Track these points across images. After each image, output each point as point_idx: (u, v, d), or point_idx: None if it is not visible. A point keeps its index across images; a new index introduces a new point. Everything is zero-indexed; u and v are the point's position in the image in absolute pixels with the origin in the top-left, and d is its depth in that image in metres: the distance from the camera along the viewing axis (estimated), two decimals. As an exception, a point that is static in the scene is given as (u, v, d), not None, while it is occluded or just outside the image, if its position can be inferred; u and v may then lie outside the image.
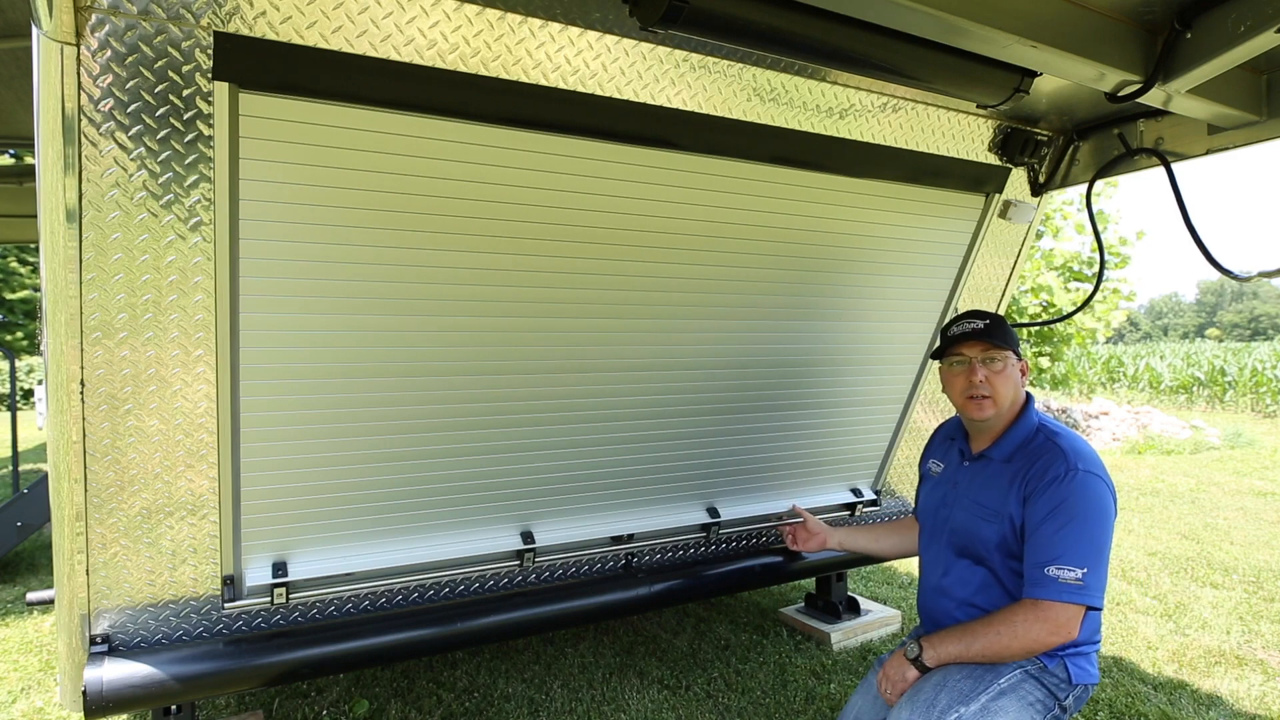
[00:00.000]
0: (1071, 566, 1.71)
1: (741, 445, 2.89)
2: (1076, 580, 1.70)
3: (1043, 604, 1.72)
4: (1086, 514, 1.75)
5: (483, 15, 1.75)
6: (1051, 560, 1.73)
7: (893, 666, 1.89)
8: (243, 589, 2.16)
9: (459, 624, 2.38)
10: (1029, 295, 9.96)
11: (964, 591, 1.95)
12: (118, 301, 1.71)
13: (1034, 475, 1.84)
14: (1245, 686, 3.08)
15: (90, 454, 1.81)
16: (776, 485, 3.10)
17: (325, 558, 2.27)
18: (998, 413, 1.96)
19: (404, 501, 2.33)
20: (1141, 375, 18.97)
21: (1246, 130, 2.25)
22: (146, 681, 1.95)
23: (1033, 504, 1.81)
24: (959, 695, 1.72)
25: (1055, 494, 1.78)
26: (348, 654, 2.24)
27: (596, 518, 2.71)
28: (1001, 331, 1.97)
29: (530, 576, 2.67)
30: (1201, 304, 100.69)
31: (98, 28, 1.48)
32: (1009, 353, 1.96)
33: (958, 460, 2.10)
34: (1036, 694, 1.78)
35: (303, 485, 2.15)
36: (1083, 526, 1.74)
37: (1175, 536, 5.52)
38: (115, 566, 1.94)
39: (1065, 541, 1.73)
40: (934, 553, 2.08)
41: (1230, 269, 2.30)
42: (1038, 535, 1.77)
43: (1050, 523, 1.76)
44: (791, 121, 2.24)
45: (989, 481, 1.95)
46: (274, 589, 2.17)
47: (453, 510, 2.42)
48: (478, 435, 2.33)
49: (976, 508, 1.95)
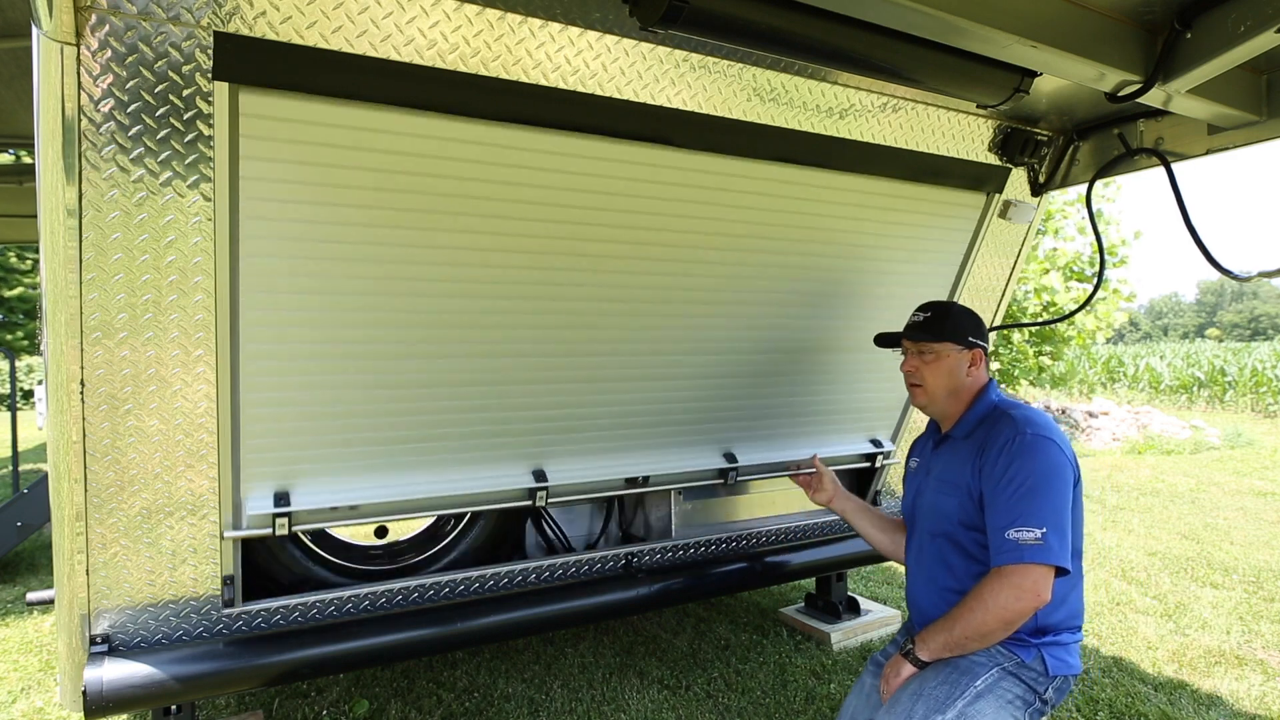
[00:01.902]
0: (1030, 527, 1.70)
1: (759, 390, 2.84)
2: (1036, 540, 1.68)
3: (1007, 569, 1.71)
4: (1039, 474, 1.75)
5: (483, 15, 1.75)
6: (1010, 524, 1.72)
7: (891, 665, 1.90)
8: (242, 518, 2.08)
9: (459, 624, 2.38)
10: (1032, 296, 9.96)
11: (937, 573, 1.97)
12: (118, 301, 1.71)
13: (988, 444, 1.87)
14: (1245, 686, 3.08)
15: (90, 454, 1.81)
16: (794, 432, 3.06)
17: (330, 489, 2.20)
18: (930, 400, 2.05)
19: (412, 433, 2.26)
20: (1141, 375, 18.97)
21: (1246, 130, 2.25)
22: (146, 681, 1.95)
23: (987, 472, 1.83)
24: (935, 703, 1.71)
25: (1006, 458, 1.80)
26: (348, 654, 2.24)
27: (610, 458, 2.65)
28: (938, 325, 2.02)
29: (542, 538, 2.62)
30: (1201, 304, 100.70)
31: (98, 28, 1.48)
32: (944, 344, 2.01)
33: (929, 451, 2.15)
34: (1015, 690, 1.76)
35: (305, 412, 2.08)
36: (1037, 486, 1.74)
37: (1175, 536, 5.52)
38: (115, 566, 1.94)
39: (1020, 504, 1.73)
40: (913, 543, 2.11)
41: (1230, 269, 2.30)
42: (995, 502, 1.79)
43: (1005, 488, 1.77)
44: (791, 121, 2.24)
45: (951, 459, 2.00)
46: (275, 518, 2.09)
47: (463, 444, 2.36)
48: (489, 367, 2.26)
49: (940, 484, 2.00)
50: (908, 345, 2.10)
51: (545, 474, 2.52)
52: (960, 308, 2.09)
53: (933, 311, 2.07)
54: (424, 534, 2.77)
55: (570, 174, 2.09)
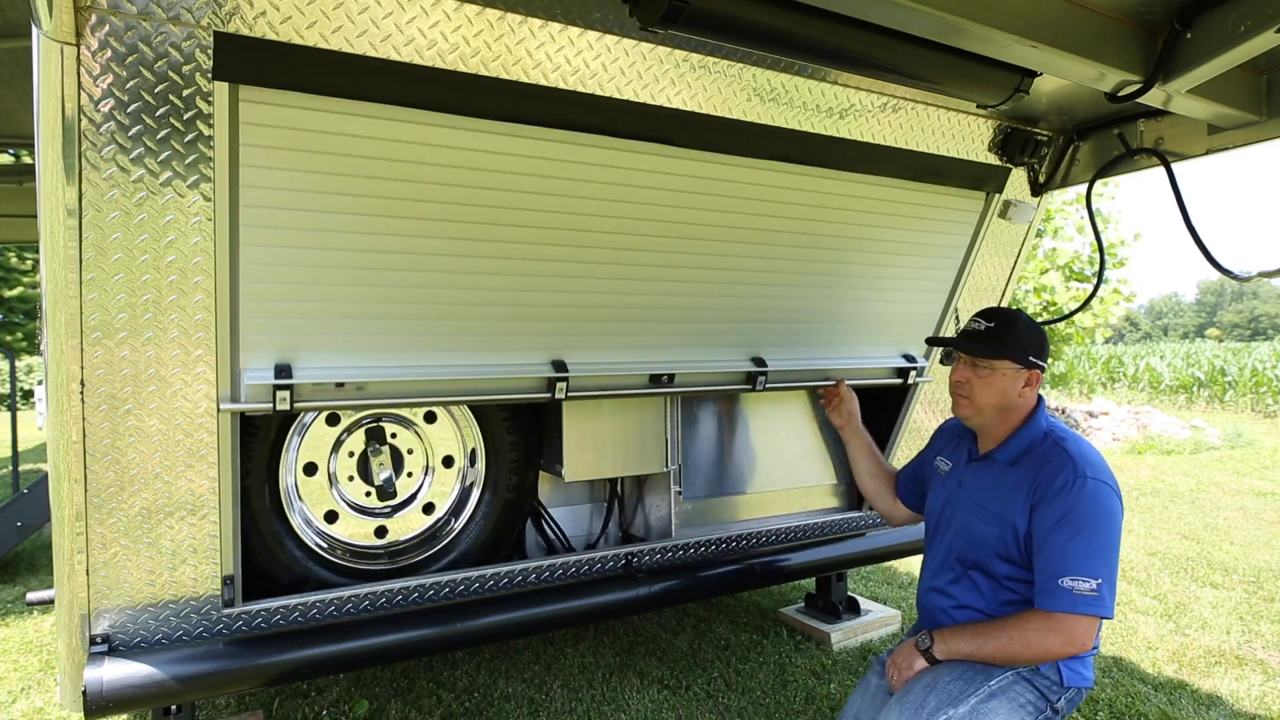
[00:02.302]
0: (1085, 577, 1.67)
1: (791, 293, 2.74)
2: (1091, 591, 1.67)
3: (1057, 616, 1.69)
4: (1097, 523, 1.72)
5: (483, 15, 1.75)
6: (1064, 571, 1.69)
7: (902, 654, 1.89)
8: (240, 390, 1.95)
9: (459, 624, 2.38)
10: (1031, 295, 9.96)
11: (961, 594, 1.95)
12: (118, 301, 1.71)
13: (1042, 482, 1.79)
14: (1245, 686, 3.08)
15: (90, 454, 1.81)
16: (825, 340, 2.93)
17: (334, 365, 2.07)
18: (976, 414, 1.96)
19: (424, 308, 2.13)
20: (1141, 375, 18.97)
21: (1246, 130, 2.25)
22: (146, 681, 1.95)
23: (1041, 512, 1.77)
24: (948, 697, 1.72)
25: (1064, 502, 1.74)
26: (348, 654, 2.24)
27: (635, 352, 2.53)
28: (999, 339, 1.91)
29: (559, 393, 2.41)
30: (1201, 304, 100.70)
31: (98, 28, 1.48)
32: (1002, 361, 1.90)
33: (964, 459, 2.07)
34: (1028, 695, 1.77)
35: (310, 275, 1.95)
36: (1094, 536, 1.70)
37: (1175, 536, 5.52)
38: (115, 566, 1.93)
39: (1077, 552, 1.70)
40: (935, 552, 2.07)
41: (1230, 269, 2.30)
42: (1048, 545, 1.74)
43: (1060, 532, 1.72)
44: (791, 121, 2.24)
45: (993, 484, 1.92)
46: (276, 391, 1.97)
47: (480, 325, 2.24)
48: (509, 251, 2.16)
49: (978, 509, 1.93)
50: (961, 355, 1.98)
51: (565, 364, 2.37)
52: (1027, 321, 1.95)
53: (996, 322, 1.93)
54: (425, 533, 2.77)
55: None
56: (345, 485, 2.58)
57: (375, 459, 2.58)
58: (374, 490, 2.60)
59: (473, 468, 2.76)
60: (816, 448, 3.33)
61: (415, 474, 2.69)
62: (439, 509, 2.73)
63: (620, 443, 2.75)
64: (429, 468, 2.71)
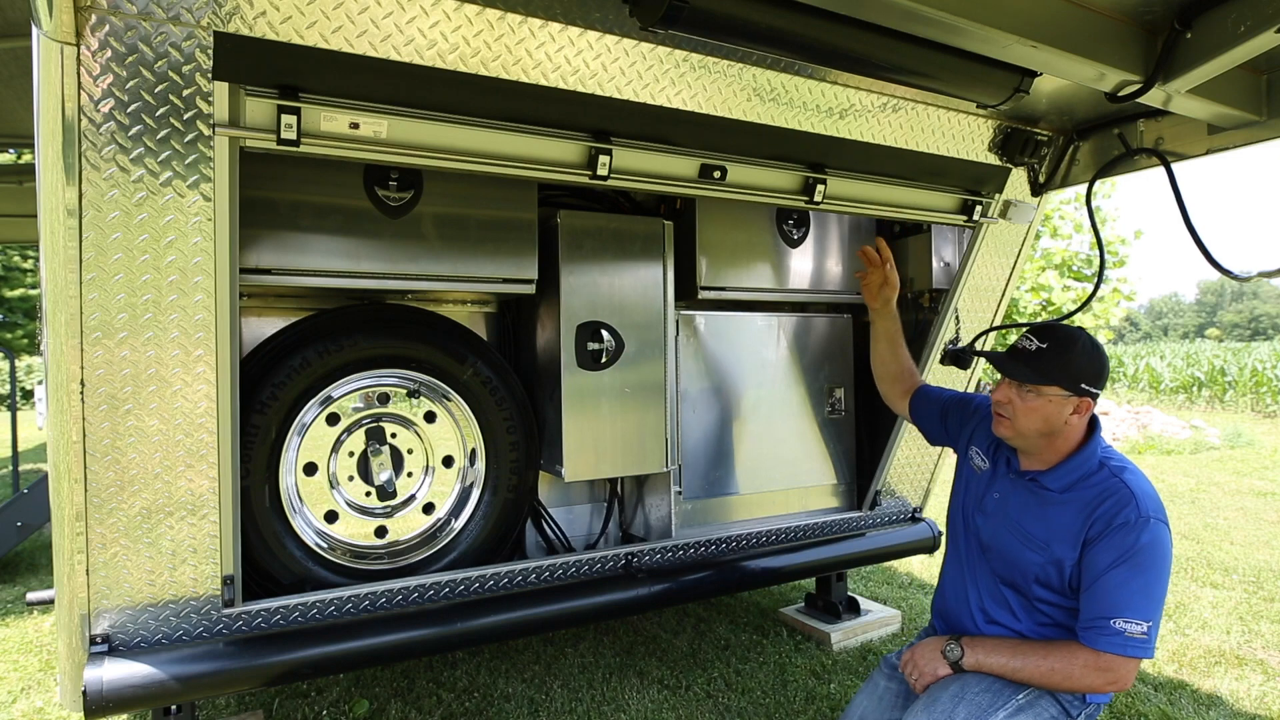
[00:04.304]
0: (1138, 620, 1.64)
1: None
2: (1142, 634, 1.63)
3: (1105, 656, 1.65)
4: (1155, 566, 1.67)
5: (483, 15, 1.75)
6: (1118, 612, 1.65)
7: (924, 657, 1.85)
8: (241, 113, 1.72)
9: (459, 624, 2.38)
10: (1029, 295, 9.97)
11: (993, 610, 1.90)
12: (118, 301, 1.71)
13: (1100, 517, 1.72)
14: (1245, 686, 3.08)
15: (90, 454, 1.81)
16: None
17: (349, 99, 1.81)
18: (1016, 437, 1.86)
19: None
20: (1141, 375, 18.97)
21: (1246, 130, 2.25)
22: (146, 681, 1.95)
23: (1098, 547, 1.71)
24: (977, 709, 1.70)
25: (1123, 541, 1.68)
26: (348, 654, 2.24)
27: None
28: (1050, 364, 1.78)
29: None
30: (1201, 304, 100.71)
31: (98, 28, 1.48)
32: (1050, 387, 1.77)
33: (1004, 468, 1.97)
34: (1051, 711, 1.75)
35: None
36: (1150, 578, 1.66)
37: (1175, 536, 5.49)
38: (115, 566, 1.93)
39: (1133, 594, 1.66)
40: (967, 562, 2.00)
41: (1230, 269, 2.30)
42: (1103, 582, 1.68)
43: (1118, 572, 1.67)
44: (791, 121, 2.24)
45: (1041, 511, 1.83)
46: (281, 114, 1.73)
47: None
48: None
49: (1022, 534, 1.84)
50: (1007, 373, 1.85)
51: (609, 134, 2.11)
52: (1085, 343, 1.80)
53: (1050, 342, 1.79)
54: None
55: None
56: (345, 485, 2.58)
57: (375, 459, 2.58)
58: (374, 490, 2.60)
59: (473, 467, 2.76)
60: (816, 448, 3.33)
61: (415, 474, 2.69)
62: (439, 509, 2.73)
63: (620, 443, 2.75)
64: (429, 468, 2.71)
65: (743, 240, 3.06)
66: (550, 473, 2.84)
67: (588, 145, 2.08)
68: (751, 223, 3.08)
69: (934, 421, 2.28)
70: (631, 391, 2.73)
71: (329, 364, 2.44)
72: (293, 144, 1.74)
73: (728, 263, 3.02)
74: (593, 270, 2.66)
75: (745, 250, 3.07)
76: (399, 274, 2.39)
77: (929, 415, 2.29)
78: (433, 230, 2.43)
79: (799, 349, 3.28)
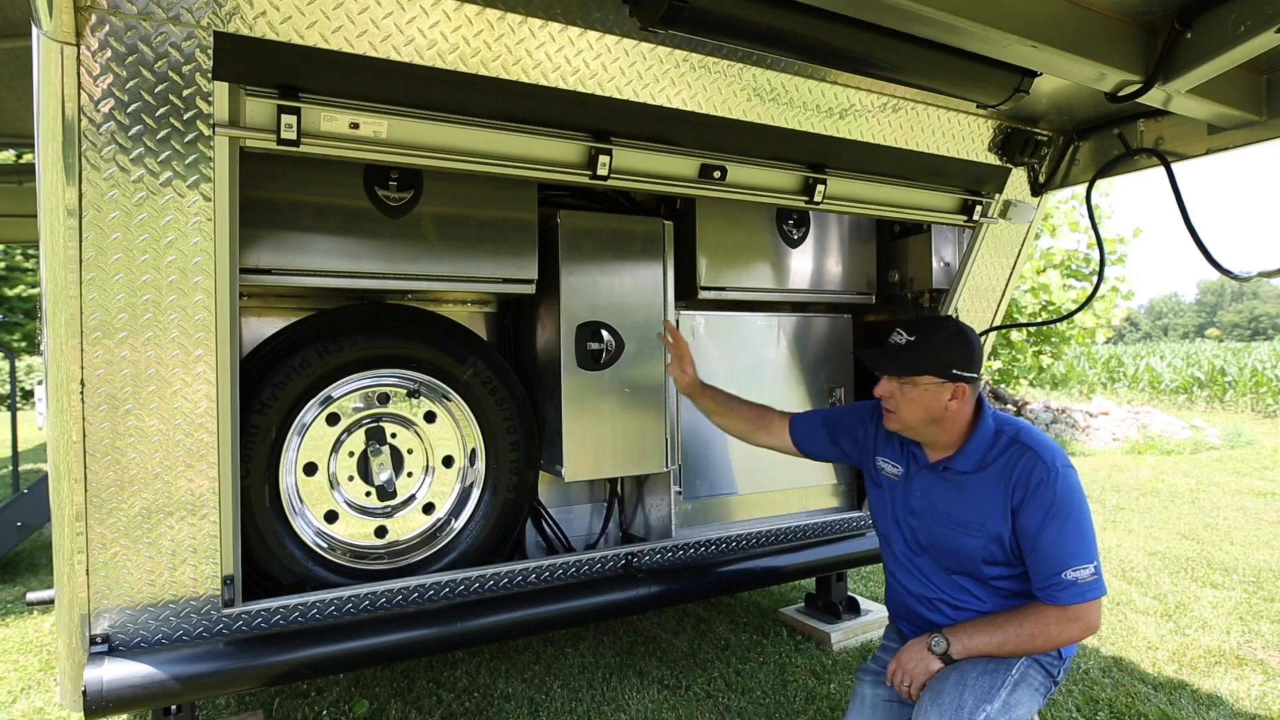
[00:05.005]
0: (1083, 564, 1.75)
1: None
2: (1091, 576, 1.75)
3: (1070, 608, 1.75)
4: (1077, 509, 1.79)
5: (483, 15, 1.75)
6: (1064, 565, 1.75)
7: (912, 660, 1.87)
8: (241, 113, 1.71)
9: (459, 624, 2.38)
10: (1029, 295, 9.97)
11: (958, 598, 1.95)
12: (118, 301, 1.71)
13: (1018, 483, 1.81)
14: (1245, 686, 3.08)
15: (90, 454, 1.81)
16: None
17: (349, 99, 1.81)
18: (905, 429, 1.94)
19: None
20: (1141, 375, 18.97)
21: (1246, 130, 2.25)
22: (146, 681, 1.94)
23: (1025, 512, 1.80)
24: (981, 694, 1.75)
25: (1045, 499, 1.78)
26: (348, 654, 2.24)
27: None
28: (916, 355, 1.86)
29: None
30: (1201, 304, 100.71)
31: (98, 28, 1.48)
32: (922, 377, 1.85)
33: (915, 466, 2.02)
34: (1039, 678, 1.86)
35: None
36: (1078, 522, 1.78)
37: (1175, 536, 5.51)
38: (115, 566, 1.93)
39: (1070, 543, 1.76)
40: (910, 563, 2.05)
41: (1230, 269, 2.30)
42: (1042, 543, 1.77)
43: (1049, 528, 1.77)
44: (791, 121, 2.24)
45: (964, 495, 1.90)
46: (281, 114, 1.74)
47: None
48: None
49: (952, 522, 1.91)
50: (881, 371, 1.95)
51: (609, 134, 2.12)
52: (951, 330, 1.88)
53: (917, 335, 1.88)
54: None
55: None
56: (345, 485, 2.58)
57: (375, 459, 2.58)
58: (374, 490, 2.60)
59: (473, 467, 2.76)
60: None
61: (415, 474, 2.69)
62: (439, 509, 2.73)
63: (620, 443, 2.75)
64: (429, 468, 2.71)
65: (743, 240, 3.06)
66: (550, 473, 2.84)
67: (588, 145, 2.09)
68: (751, 223, 3.08)
69: (825, 444, 2.29)
70: (631, 391, 2.74)
71: (329, 364, 2.44)
72: (293, 144, 1.75)
73: (728, 263, 3.03)
74: (593, 270, 2.66)
75: (745, 250, 3.07)
76: (399, 274, 2.40)
77: (817, 440, 2.31)
78: (433, 230, 2.43)
79: (799, 349, 3.29)
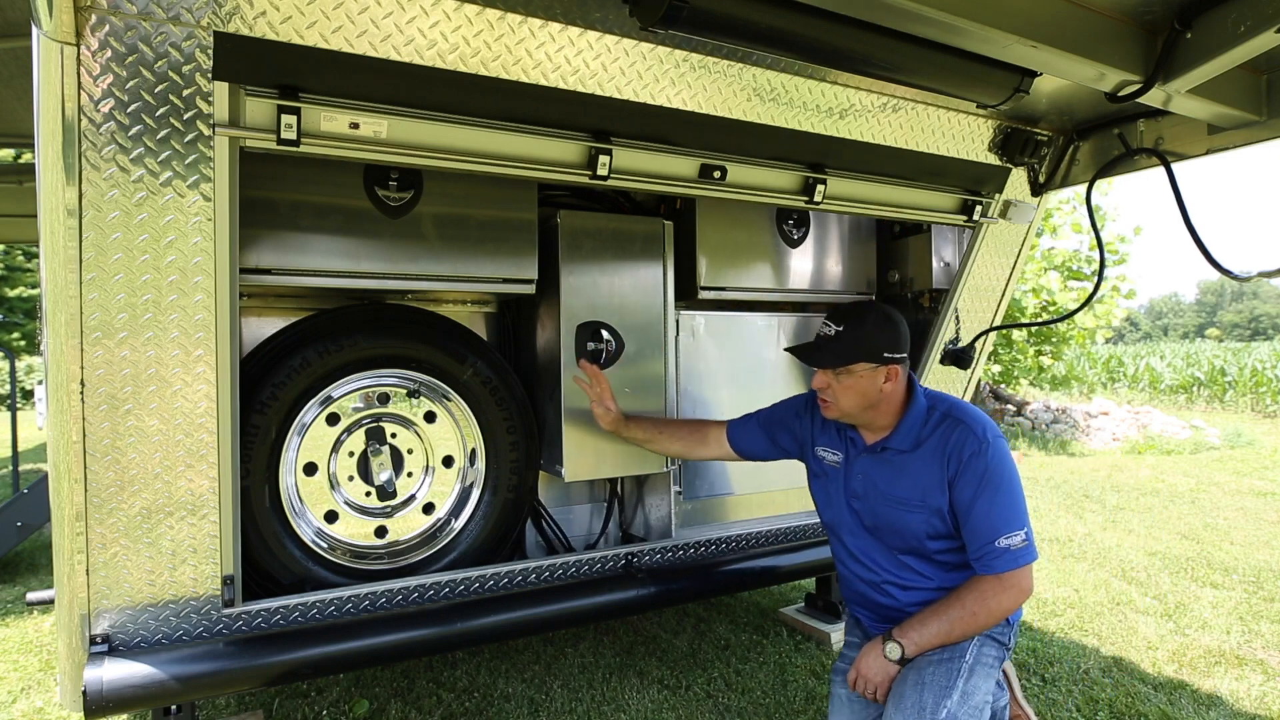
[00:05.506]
0: (1015, 531, 1.80)
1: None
2: (1023, 542, 1.80)
3: (1005, 576, 1.81)
4: (1007, 478, 1.84)
5: (483, 15, 1.75)
6: (997, 534, 1.80)
7: (871, 668, 1.88)
8: (241, 113, 1.71)
9: (459, 624, 2.38)
10: (1030, 295, 9.97)
11: (905, 578, 1.99)
12: (118, 301, 1.71)
13: (952, 456, 1.87)
14: (1245, 686, 3.08)
15: (90, 454, 1.81)
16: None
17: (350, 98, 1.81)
18: (844, 416, 2.00)
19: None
20: (1141, 375, 18.97)
21: (1246, 130, 2.25)
22: (146, 681, 1.94)
23: (959, 484, 1.86)
24: (940, 690, 1.78)
25: (977, 470, 1.84)
26: (348, 654, 2.24)
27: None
28: (846, 342, 1.90)
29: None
30: (1201, 304, 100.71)
31: (98, 28, 1.48)
32: (856, 365, 1.90)
33: (854, 450, 2.07)
34: (992, 652, 1.90)
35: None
36: (1008, 490, 1.83)
37: (1175, 536, 5.52)
38: (115, 566, 1.93)
39: (1001, 511, 1.81)
40: (856, 550, 2.08)
41: (1230, 269, 2.30)
42: (975, 513, 1.83)
43: (982, 499, 1.82)
44: (791, 121, 2.24)
45: (899, 474, 1.95)
46: (281, 114, 1.73)
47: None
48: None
49: (894, 501, 1.96)
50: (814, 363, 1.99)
51: (609, 134, 2.12)
52: (876, 316, 1.93)
53: (845, 325, 1.92)
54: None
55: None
56: (345, 485, 2.58)
57: (375, 459, 2.58)
58: (374, 490, 2.60)
59: (473, 468, 2.76)
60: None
61: (415, 474, 2.69)
62: (439, 509, 2.73)
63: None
64: (429, 468, 2.71)
65: (743, 240, 3.06)
66: (550, 473, 2.84)
67: (588, 145, 2.09)
68: (751, 223, 3.08)
69: (764, 445, 2.33)
70: (632, 391, 2.73)
71: (329, 364, 2.44)
72: (293, 144, 1.75)
73: (728, 263, 3.03)
74: (593, 270, 2.66)
75: (745, 250, 3.07)
76: (399, 274, 2.40)
77: (756, 442, 2.35)
78: (433, 230, 2.43)
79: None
